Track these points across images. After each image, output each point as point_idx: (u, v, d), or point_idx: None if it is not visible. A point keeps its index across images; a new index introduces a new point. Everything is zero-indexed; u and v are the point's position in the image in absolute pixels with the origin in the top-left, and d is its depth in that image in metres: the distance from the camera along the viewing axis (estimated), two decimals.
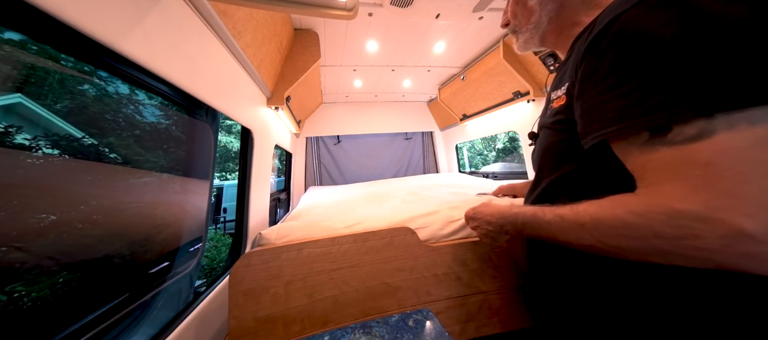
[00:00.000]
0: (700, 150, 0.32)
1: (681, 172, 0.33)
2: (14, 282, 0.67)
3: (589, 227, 0.41)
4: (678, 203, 0.32)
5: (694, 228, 0.31)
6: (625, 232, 0.37)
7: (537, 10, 0.59)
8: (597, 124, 0.40)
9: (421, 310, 0.79)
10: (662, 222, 0.33)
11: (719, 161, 0.30)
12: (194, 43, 0.89)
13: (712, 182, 0.31)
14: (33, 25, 0.50)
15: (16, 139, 0.86)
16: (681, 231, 0.32)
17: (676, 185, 0.33)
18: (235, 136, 8.93)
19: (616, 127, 0.37)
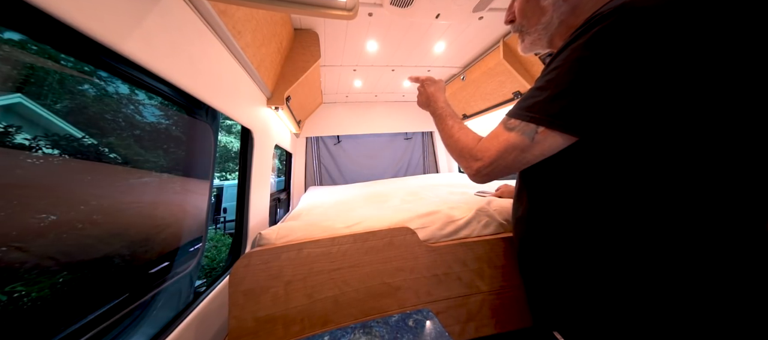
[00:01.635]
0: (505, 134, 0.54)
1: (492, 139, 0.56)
2: (14, 282, 0.67)
3: (453, 139, 0.65)
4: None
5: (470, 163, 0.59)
6: (456, 147, 0.63)
7: (550, 10, 0.58)
8: None
9: (421, 310, 0.79)
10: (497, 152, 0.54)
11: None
12: (194, 43, 0.89)
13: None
14: (33, 25, 0.50)
15: (16, 139, 0.86)
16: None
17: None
18: (235, 136, 8.92)
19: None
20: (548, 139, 0.48)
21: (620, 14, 0.40)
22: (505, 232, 1.00)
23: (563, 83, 0.45)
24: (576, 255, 0.52)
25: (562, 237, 0.54)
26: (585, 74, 0.42)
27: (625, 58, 0.40)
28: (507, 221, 1.01)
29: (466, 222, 0.98)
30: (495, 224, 1.00)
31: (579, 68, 0.43)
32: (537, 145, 0.49)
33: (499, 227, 1.00)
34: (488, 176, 0.57)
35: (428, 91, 0.79)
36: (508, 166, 0.53)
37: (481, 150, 0.57)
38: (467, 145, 0.61)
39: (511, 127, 0.52)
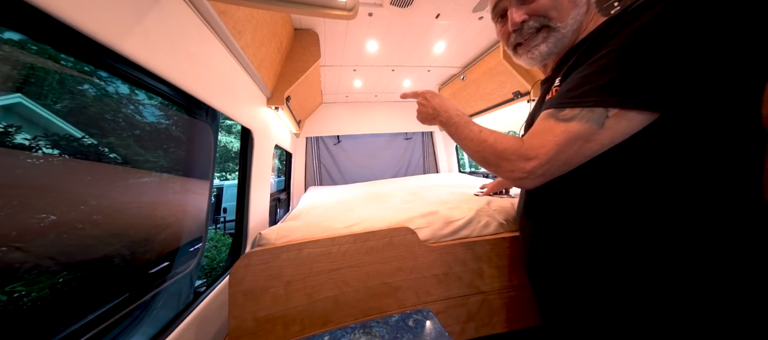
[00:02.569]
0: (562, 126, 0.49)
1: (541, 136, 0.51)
2: (14, 282, 0.67)
3: (485, 143, 0.58)
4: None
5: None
6: (494, 150, 0.56)
7: (578, 5, 0.58)
8: None
9: (421, 310, 0.79)
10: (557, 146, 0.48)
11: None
12: (194, 43, 0.89)
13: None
14: (33, 25, 0.50)
15: (16, 139, 0.86)
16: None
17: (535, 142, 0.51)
18: (235, 136, 8.92)
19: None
20: (623, 122, 0.44)
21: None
22: (505, 232, 1.00)
23: (634, 60, 0.42)
24: (599, 266, 0.51)
25: (584, 251, 0.53)
26: (661, 49, 0.41)
27: (697, 35, 0.39)
28: (507, 221, 1.01)
29: (466, 222, 0.98)
30: (495, 224, 1.00)
31: (652, 44, 0.41)
32: (607, 131, 0.44)
33: (499, 227, 1.00)
34: (544, 176, 0.51)
35: (434, 102, 0.71)
36: (569, 160, 0.48)
37: (532, 148, 0.50)
38: (510, 146, 0.53)
39: (569, 118, 0.47)
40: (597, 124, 0.45)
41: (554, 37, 0.60)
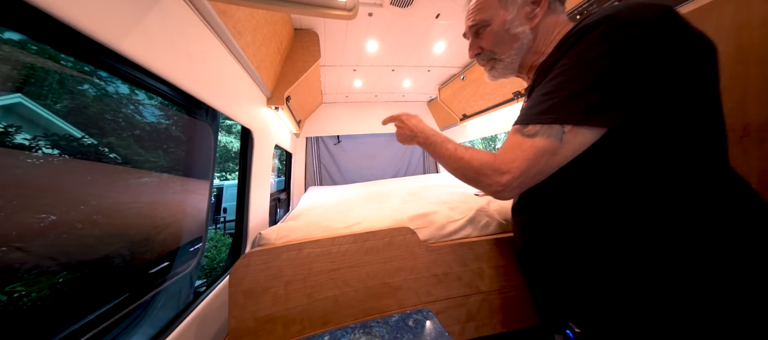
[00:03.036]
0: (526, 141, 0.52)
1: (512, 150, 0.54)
2: (14, 282, 0.67)
3: (462, 160, 0.62)
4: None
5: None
6: (470, 166, 0.60)
7: (520, 37, 0.65)
8: None
9: (421, 310, 0.79)
10: (526, 161, 0.52)
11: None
12: (194, 43, 0.89)
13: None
14: (33, 25, 0.50)
15: (16, 139, 0.86)
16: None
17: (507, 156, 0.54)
18: (235, 136, 8.92)
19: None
20: (578, 137, 0.48)
21: (612, 18, 0.46)
22: (505, 232, 1.00)
23: (580, 81, 0.47)
24: (590, 253, 0.54)
25: (576, 239, 0.56)
26: (603, 68, 0.45)
27: (633, 51, 0.44)
28: (507, 221, 1.01)
29: (466, 222, 0.98)
30: (495, 224, 1.00)
31: (594, 64, 0.46)
32: (567, 145, 0.49)
33: (499, 227, 1.00)
34: (519, 188, 0.54)
35: (410, 124, 0.77)
36: (540, 172, 0.52)
37: (505, 163, 0.54)
38: (485, 162, 0.57)
39: (533, 134, 0.51)
40: (557, 139, 0.49)
41: (501, 65, 0.70)
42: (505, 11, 0.65)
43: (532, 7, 0.63)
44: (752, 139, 0.64)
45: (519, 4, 0.64)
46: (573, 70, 0.48)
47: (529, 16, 0.63)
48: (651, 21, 0.44)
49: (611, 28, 0.46)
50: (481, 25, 0.70)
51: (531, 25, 0.63)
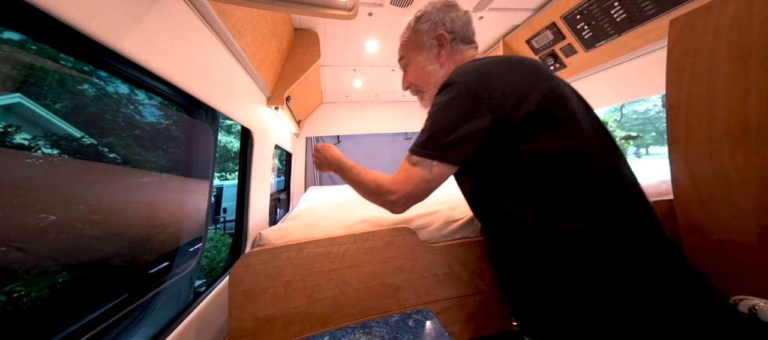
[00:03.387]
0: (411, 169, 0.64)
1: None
2: (14, 282, 0.67)
3: (364, 182, 0.72)
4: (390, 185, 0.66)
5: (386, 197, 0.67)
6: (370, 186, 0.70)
7: (433, 75, 0.79)
8: None
9: (421, 310, 0.79)
10: (408, 187, 0.64)
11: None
12: (194, 43, 0.89)
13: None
14: (33, 25, 0.50)
15: (16, 139, 0.86)
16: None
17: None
18: (235, 136, 8.92)
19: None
20: (442, 170, 0.61)
21: (455, 81, 0.62)
22: None
23: (437, 126, 0.62)
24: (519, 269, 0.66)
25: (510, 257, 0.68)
26: (450, 117, 0.60)
27: (464, 106, 0.59)
28: None
29: (466, 222, 0.98)
30: None
31: (446, 112, 0.61)
32: (436, 175, 0.62)
33: None
34: (405, 205, 0.67)
35: (327, 154, 0.86)
36: (420, 194, 0.65)
37: (394, 183, 0.65)
38: (380, 183, 0.68)
39: (415, 163, 0.63)
40: (429, 169, 0.61)
41: (427, 96, 0.82)
42: (419, 53, 0.79)
43: (438, 50, 0.77)
44: (752, 139, 0.64)
45: (427, 47, 0.77)
46: (435, 114, 0.62)
47: (437, 57, 0.77)
48: (475, 83, 0.59)
49: (453, 88, 0.61)
50: (405, 63, 0.84)
51: (439, 63, 0.77)
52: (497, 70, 0.60)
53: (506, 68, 0.61)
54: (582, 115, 0.61)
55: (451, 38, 0.75)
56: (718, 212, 0.72)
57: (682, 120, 0.76)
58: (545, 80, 0.60)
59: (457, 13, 0.77)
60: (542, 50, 1.82)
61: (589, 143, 0.58)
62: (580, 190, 0.55)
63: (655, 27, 1.28)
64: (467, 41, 0.78)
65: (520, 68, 0.61)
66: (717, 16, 0.68)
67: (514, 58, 0.65)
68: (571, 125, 0.57)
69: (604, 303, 0.52)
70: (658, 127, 15.49)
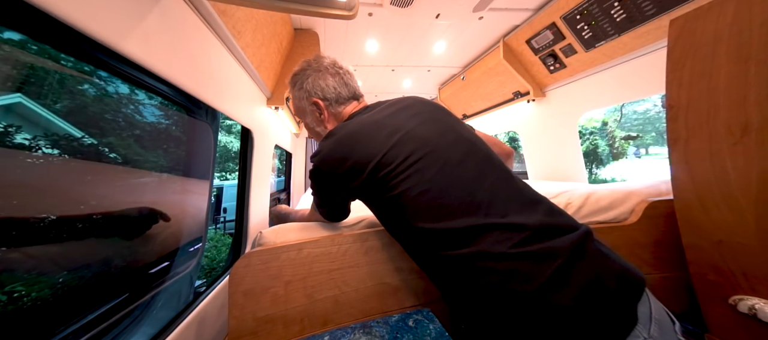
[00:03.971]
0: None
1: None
2: (14, 282, 0.67)
3: (306, 217, 1.01)
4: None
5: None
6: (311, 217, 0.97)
7: (322, 134, 0.88)
8: None
9: (421, 310, 0.79)
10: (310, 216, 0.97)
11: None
12: (194, 43, 0.89)
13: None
14: (33, 25, 0.50)
15: (16, 139, 0.86)
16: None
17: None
18: (235, 136, 8.92)
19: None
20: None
21: (314, 165, 0.76)
22: None
23: (317, 197, 0.84)
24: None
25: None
26: (321, 191, 0.81)
27: (325, 179, 0.75)
28: None
29: None
30: None
31: (315, 190, 0.82)
32: (330, 218, 0.88)
33: None
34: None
35: (277, 212, 1.22)
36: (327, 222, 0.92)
37: (313, 213, 0.95)
38: (310, 217, 0.99)
39: (317, 208, 0.87)
40: (325, 216, 0.87)
41: None
42: (305, 116, 0.91)
43: (318, 114, 0.87)
44: (752, 139, 0.64)
45: (310, 112, 0.88)
46: (314, 188, 0.82)
47: (320, 119, 0.88)
48: (328, 166, 0.72)
49: (314, 172, 0.76)
50: (300, 121, 1.04)
51: (324, 125, 0.88)
52: (345, 145, 0.71)
53: (354, 139, 0.71)
54: (434, 153, 0.67)
55: (325, 104, 0.85)
56: (718, 212, 0.72)
57: (682, 120, 0.76)
58: (387, 140, 0.68)
59: (327, 82, 0.85)
60: (542, 50, 1.82)
61: (439, 179, 0.64)
62: (436, 222, 0.61)
63: (655, 27, 1.28)
64: (343, 101, 0.86)
65: (366, 134, 0.71)
66: (717, 16, 0.68)
67: (363, 124, 0.74)
68: (415, 171, 0.65)
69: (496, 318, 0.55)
70: (658, 127, 15.47)
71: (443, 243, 0.60)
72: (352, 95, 0.88)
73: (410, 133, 0.69)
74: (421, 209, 0.63)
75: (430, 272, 0.69)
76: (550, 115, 2.11)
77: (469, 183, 0.63)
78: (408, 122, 0.72)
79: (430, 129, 0.71)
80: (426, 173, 0.64)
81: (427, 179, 0.63)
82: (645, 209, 0.92)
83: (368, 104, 0.87)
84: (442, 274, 0.64)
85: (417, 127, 0.71)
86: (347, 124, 0.76)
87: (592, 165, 12.91)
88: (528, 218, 0.57)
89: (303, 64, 0.89)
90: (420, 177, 0.64)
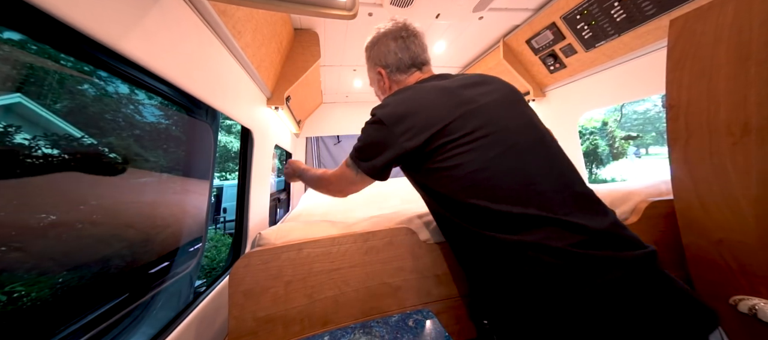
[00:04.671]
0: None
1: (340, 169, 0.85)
2: (14, 282, 0.67)
3: (315, 177, 0.97)
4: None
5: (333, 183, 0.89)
6: (321, 179, 0.94)
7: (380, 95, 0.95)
8: None
9: (421, 310, 0.79)
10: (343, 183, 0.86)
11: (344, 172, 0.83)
12: (194, 43, 0.89)
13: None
14: (33, 25, 0.50)
15: (16, 139, 0.86)
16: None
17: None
18: (235, 136, 8.92)
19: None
20: (363, 177, 0.78)
21: (375, 113, 0.75)
22: None
23: (360, 144, 0.78)
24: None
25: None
26: (365, 143, 0.76)
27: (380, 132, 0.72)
28: None
29: None
30: None
31: (364, 138, 0.77)
32: (359, 180, 0.80)
33: None
34: (340, 193, 0.91)
35: (293, 166, 1.09)
36: (346, 189, 0.87)
37: (333, 176, 0.88)
38: (324, 175, 0.92)
39: (348, 164, 0.81)
40: (355, 172, 0.79)
41: None
42: (372, 83, 0.96)
43: (382, 83, 0.90)
44: (752, 139, 0.64)
45: (375, 80, 0.92)
46: (362, 136, 0.78)
47: (383, 89, 0.91)
48: (388, 119, 0.70)
49: (372, 120, 0.75)
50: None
51: (385, 92, 0.90)
52: (411, 104, 0.70)
53: (420, 101, 0.70)
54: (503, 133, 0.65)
55: (387, 72, 0.87)
56: (718, 212, 0.72)
57: (682, 120, 0.76)
58: (455, 109, 0.67)
59: (388, 47, 0.85)
60: (542, 50, 1.82)
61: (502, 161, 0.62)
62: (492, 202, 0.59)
63: (655, 27, 1.28)
64: (404, 69, 0.86)
65: (433, 100, 0.70)
66: (717, 16, 0.68)
67: (433, 89, 0.72)
68: (478, 146, 0.63)
69: (540, 310, 0.53)
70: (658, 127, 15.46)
71: (494, 224, 0.58)
72: (413, 62, 0.85)
73: (481, 109, 0.67)
74: (476, 186, 0.61)
75: (465, 251, 0.67)
76: (550, 115, 2.11)
77: (535, 173, 0.61)
78: (481, 98, 0.69)
79: (503, 110, 0.69)
80: (488, 152, 0.62)
81: (488, 157, 0.62)
82: (645, 208, 0.92)
83: (437, 74, 0.85)
84: (480, 255, 0.62)
85: (489, 104, 0.68)
86: (417, 86, 0.75)
87: (593, 165, 12.91)
88: (591, 222, 0.55)
89: (374, 32, 0.90)
90: (481, 154, 0.62)
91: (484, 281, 0.65)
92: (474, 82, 0.74)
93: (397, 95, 0.74)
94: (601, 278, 0.49)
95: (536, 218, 0.56)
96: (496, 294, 0.61)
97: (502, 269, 0.58)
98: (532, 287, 0.54)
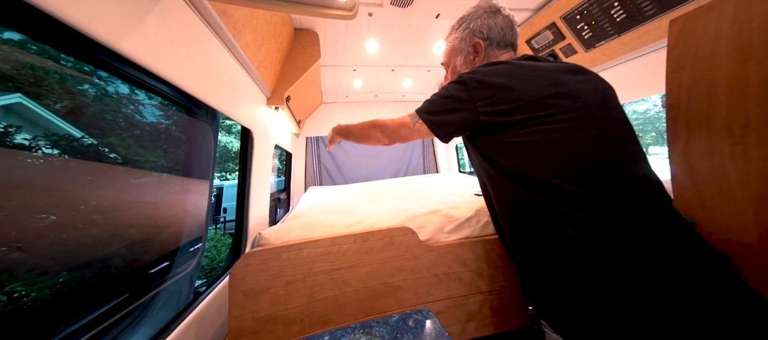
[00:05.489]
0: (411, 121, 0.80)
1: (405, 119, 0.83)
2: (14, 282, 0.67)
3: (367, 124, 0.95)
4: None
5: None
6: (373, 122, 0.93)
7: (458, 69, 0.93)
8: None
9: (421, 310, 0.79)
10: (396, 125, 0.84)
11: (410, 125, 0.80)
12: (194, 43, 0.89)
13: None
14: (33, 25, 0.50)
15: (16, 139, 0.86)
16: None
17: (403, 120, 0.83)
18: (235, 136, 8.92)
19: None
20: (421, 128, 0.77)
21: (464, 77, 0.71)
22: None
23: (434, 98, 0.76)
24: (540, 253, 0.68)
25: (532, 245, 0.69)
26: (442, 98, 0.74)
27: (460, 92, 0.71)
28: None
29: (466, 222, 0.98)
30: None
31: (442, 94, 0.74)
32: (415, 131, 0.79)
33: None
34: (389, 139, 0.87)
35: (337, 128, 1.06)
36: (396, 135, 0.85)
37: (389, 120, 0.87)
38: (379, 119, 0.91)
39: (410, 115, 0.80)
40: (413, 122, 0.78)
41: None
42: (457, 57, 0.91)
43: (474, 56, 0.86)
44: (752, 139, 0.64)
45: (465, 53, 0.88)
46: (439, 92, 0.75)
47: (470, 62, 0.87)
48: (474, 85, 0.69)
49: (459, 80, 0.71)
50: (447, 66, 0.97)
51: (473, 66, 0.84)
52: (506, 76, 0.68)
53: (517, 75, 0.68)
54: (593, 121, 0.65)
55: (486, 45, 0.83)
56: (718, 212, 0.72)
57: (682, 120, 0.76)
58: (550, 88, 0.65)
59: (496, 20, 0.83)
60: (542, 50, 1.82)
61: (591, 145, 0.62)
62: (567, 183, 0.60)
63: (655, 27, 1.28)
64: (503, 46, 0.84)
65: (529, 76, 0.68)
66: (717, 16, 0.68)
67: (530, 67, 0.70)
68: (565, 128, 0.63)
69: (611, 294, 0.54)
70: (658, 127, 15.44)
71: (567, 202, 0.60)
72: (512, 43, 0.85)
73: (573, 93, 0.67)
74: (556, 165, 0.62)
75: (525, 229, 0.67)
76: None
77: (622, 166, 0.62)
78: (575, 85, 0.69)
79: (596, 97, 0.69)
80: (577, 134, 0.63)
81: (577, 139, 0.63)
82: None
83: (531, 55, 0.83)
84: (542, 232, 0.63)
85: (582, 91, 0.68)
86: (513, 61, 0.73)
87: None
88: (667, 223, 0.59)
89: (474, 7, 0.87)
90: (568, 135, 0.63)
91: (538, 262, 0.65)
92: (571, 69, 0.73)
93: (490, 66, 0.71)
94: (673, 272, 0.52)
95: (619, 207, 0.58)
96: (550, 275, 0.62)
97: (565, 245, 0.59)
98: (596, 267, 0.55)
